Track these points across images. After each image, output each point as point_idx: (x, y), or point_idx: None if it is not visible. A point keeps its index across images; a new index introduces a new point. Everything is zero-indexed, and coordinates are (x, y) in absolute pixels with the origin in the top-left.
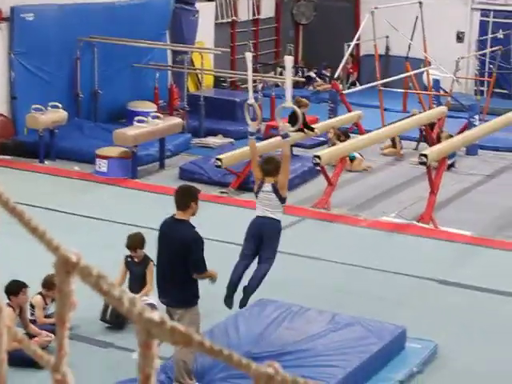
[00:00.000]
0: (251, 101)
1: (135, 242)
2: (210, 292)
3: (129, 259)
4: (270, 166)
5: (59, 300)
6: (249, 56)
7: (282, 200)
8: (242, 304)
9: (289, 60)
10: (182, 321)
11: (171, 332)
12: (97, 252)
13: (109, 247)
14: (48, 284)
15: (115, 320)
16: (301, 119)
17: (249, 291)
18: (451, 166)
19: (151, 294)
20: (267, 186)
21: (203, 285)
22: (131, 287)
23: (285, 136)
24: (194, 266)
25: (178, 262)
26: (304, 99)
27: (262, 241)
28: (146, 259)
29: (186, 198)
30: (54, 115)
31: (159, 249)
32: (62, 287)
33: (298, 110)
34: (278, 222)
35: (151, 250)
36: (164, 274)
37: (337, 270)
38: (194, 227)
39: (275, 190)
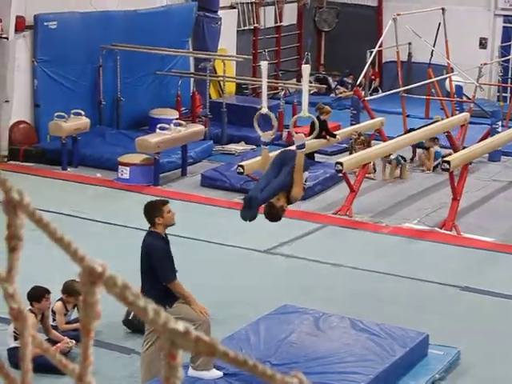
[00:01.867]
0: (264, 110)
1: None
2: (226, 300)
3: None
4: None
5: (84, 310)
6: (264, 65)
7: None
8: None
9: (306, 69)
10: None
11: (195, 342)
12: (118, 258)
13: (130, 254)
14: (68, 290)
15: (137, 323)
16: (317, 130)
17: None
18: (436, 166)
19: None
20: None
21: (219, 293)
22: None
23: (300, 147)
24: (159, 275)
25: (145, 270)
26: (326, 106)
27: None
28: None
29: (148, 216)
30: (76, 122)
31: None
32: (87, 298)
33: (316, 120)
34: None
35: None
36: (141, 281)
37: (359, 276)
38: (158, 238)
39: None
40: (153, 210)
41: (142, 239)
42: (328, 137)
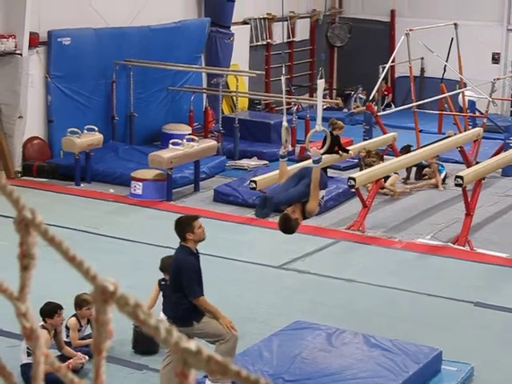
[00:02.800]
0: (285, 124)
1: (168, 264)
2: (238, 316)
3: (162, 282)
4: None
5: (96, 329)
6: (284, 80)
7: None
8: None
9: (320, 84)
10: (196, 337)
11: (208, 361)
12: (132, 274)
13: (143, 269)
14: (79, 302)
15: (146, 349)
16: (328, 142)
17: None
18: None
19: None
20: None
21: (231, 309)
22: (165, 310)
23: (317, 161)
24: (186, 290)
25: (173, 284)
26: (339, 121)
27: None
28: None
29: (179, 231)
30: (89, 138)
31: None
32: (99, 316)
33: (329, 134)
34: None
35: None
36: (169, 296)
37: (372, 292)
38: (188, 253)
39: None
40: (184, 226)
41: (174, 253)
42: (341, 152)
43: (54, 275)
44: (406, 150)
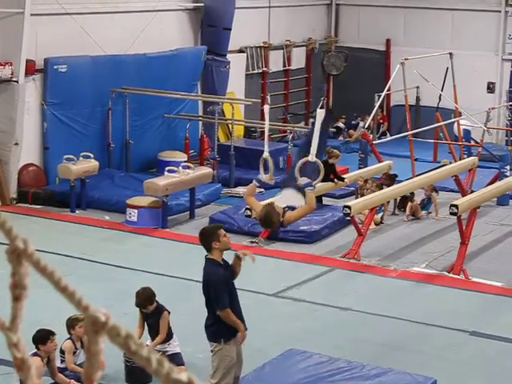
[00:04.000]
0: (266, 154)
1: (142, 300)
2: None
3: (144, 310)
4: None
5: (87, 360)
6: (266, 109)
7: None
8: None
9: (320, 114)
10: (214, 357)
11: None
12: (125, 301)
13: None
14: (71, 323)
15: (138, 380)
16: (322, 173)
17: None
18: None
19: (176, 341)
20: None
21: None
22: (151, 336)
23: (308, 185)
24: (212, 301)
25: (206, 297)
26: (335, 150)
27: None
28: (158, 310)
29: (205, 242)
30: (85, 165)
31: None
32: (91, 347)
33: (321, 165)
34: None
35: (178, 299)
36: (206, 309)
37: (367, 320)
38: (216, 265)
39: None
40: (209, 235)
41: (203, 268)
42: (336, 180)
43: (44, 301)
44: (390, 177)
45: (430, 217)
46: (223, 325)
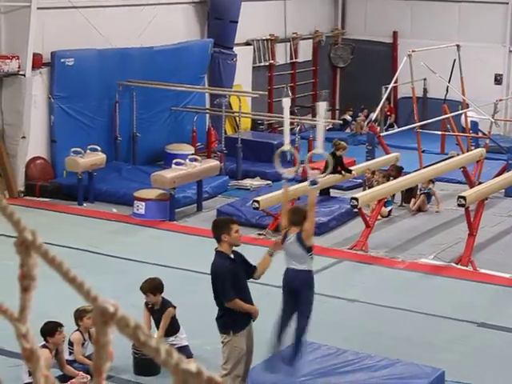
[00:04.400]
0: (287, 147)
1: (148, 286)
2: None
3: (149, 305)
4: (296, 216)
5: (96, 351)
6: (287, 102)
7: (307, 249)
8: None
9: (322, 106)
10: (224, 348)
11: (208, 382)
12: (133, 293)
13: None
14: (79, 314)
15: (147, 371)
16: (331, 167)
17: (291, 356)
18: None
19: (183, 334)
20: (292, 237)
21: None
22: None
23: (313, 183)
24: (219, 293)
25: (214, 290)
26: (342, 142)
27: (294, 295)
28: (163, 305)
29: (215, 233)
30: (92, 158)
31: None
32: (99, 338)
33: (330, 157)
34: (305, 272)
35: (185, 292)
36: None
37: (375, 312)
38: (223, 257)
39: (300, 240)
40: (221, 226)
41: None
42: (343, 172)
43: (51, 292)
44: (397, 169)
45: (431, 211)
46: (232, 317)
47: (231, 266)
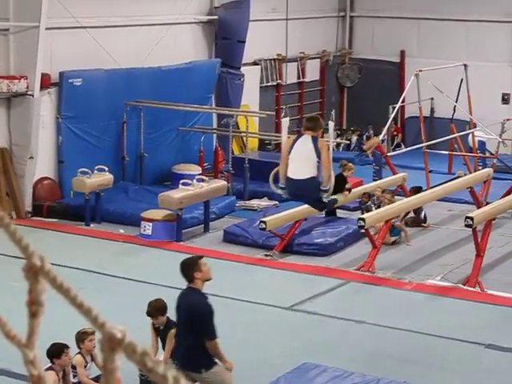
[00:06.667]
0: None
1: (153, 310)
2: (246, 357)
3: (156, 325)
4: (312, 122)
5: (104, 376)
6: (285, 122)
7: (318, 155)
8: None
9: (330, 126)
10: (207, 382)
11: None
12: (141, 314)
13: None
14: (80, 337)
15: None
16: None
17: None
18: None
19: None
20: (306, 138)
21: (240, 350)
22: (175, 355)
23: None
24: (202, 331)
25: (186, 329)
26: (349, 163)
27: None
28: (168, 325)
29: (185, 272)
30: (100, 178)
31: (176, 318)
32: (107, 364)
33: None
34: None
35: None
36: (179, 340)
37: (382, 333)
38: (201, 294)
39: (315, 142)
40: (190, 266)
41: (179, 297)
42: (346, 192)
43: (58, 314)
44: (416, 190)
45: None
46: (203, 355)
47: (211, 303)
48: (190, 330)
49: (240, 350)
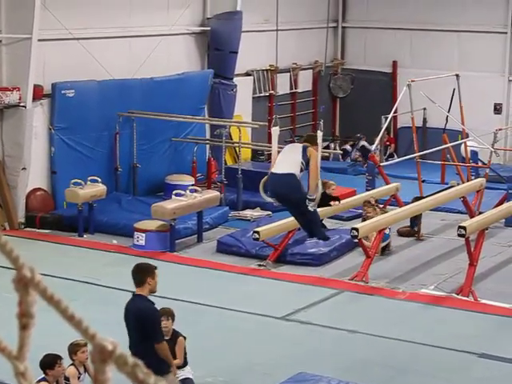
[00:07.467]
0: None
1: (164, 311)
2: (240, 368)
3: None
4: (310, 137)
5: None
6: (275, 131)
7: (306, 163)
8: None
9: (319, 135)
10: None
11: None
12: None
13: None
14: (72, 349)
15: None
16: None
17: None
18: (385, 248)
19: (187, 367)
20: (298, 144)
21: (233, 361)
22: None
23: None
24: (150, 335)
25: (139, 335)
26: (330, 181)
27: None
28: (174, 335)
29: (139, 275)
30: (93, 189)
31: (126, 326)
32: (98, 376)
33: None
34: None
35: (186, 323)
36: (130, 346)
37: (375, 343)
38: (147, 300)
39: (304, 148)
40: (146, 270)
41: (126, 305)
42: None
43: (50, 325)
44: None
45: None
46: (157, 362)
47: (157, 309)
48: (144, 335)
49: (233, 359)
